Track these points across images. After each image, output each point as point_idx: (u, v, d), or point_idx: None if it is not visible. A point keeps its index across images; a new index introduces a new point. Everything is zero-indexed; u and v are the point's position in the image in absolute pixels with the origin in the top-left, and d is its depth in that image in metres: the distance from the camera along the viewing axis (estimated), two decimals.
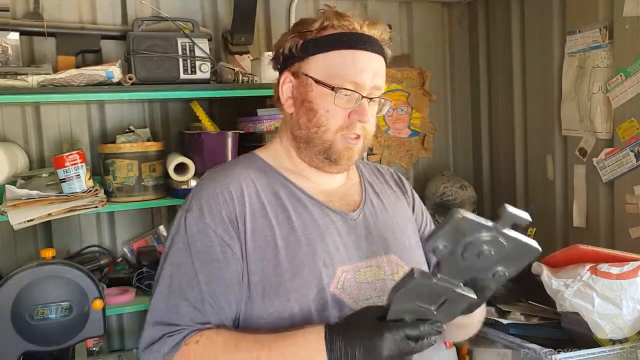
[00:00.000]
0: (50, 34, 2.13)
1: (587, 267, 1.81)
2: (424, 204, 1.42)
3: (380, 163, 2.77)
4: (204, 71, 2.12)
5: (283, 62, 1.19)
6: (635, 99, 2.06)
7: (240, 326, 1.08)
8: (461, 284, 0.93)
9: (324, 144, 1.14)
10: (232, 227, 1.08)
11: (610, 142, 2.18)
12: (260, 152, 1.24)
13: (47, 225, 2.25)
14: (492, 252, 0.88)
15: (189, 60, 2.10)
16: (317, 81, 1.12)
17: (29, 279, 1.71)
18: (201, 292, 1.05)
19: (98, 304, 1.77)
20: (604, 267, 1.79)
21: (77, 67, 2.04)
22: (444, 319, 0.97)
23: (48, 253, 1.81)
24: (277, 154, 1.22)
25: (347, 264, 1.12)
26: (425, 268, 1.23)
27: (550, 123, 2.45)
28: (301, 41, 1.14)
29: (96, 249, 2.33)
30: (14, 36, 1.99)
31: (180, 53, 2.09)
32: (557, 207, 2.45)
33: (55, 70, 2.03)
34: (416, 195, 1.38)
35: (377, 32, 1.16)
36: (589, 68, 2.24)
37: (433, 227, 1.36)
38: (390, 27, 2.60)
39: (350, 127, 1.13)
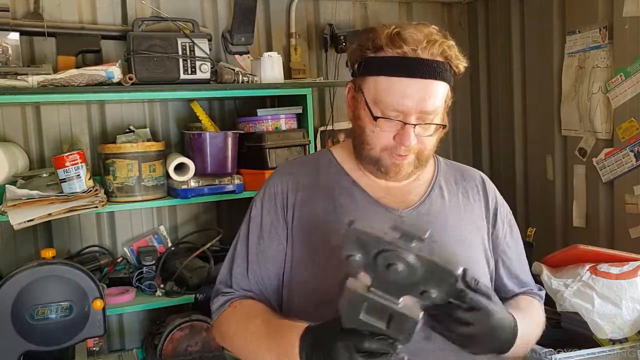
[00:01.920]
0: (50, 34, 2.13)
1: (587, 267, 1.81)
2: None
3: None
4: (204, 71, 2.12)
5: (352, 71, 1.25)
6: (635, 99, 2.06)
7: (284, 297, 1.23)
8: (399, 302, 0.91)
9: (372, 158, 1.20)
10: (281, 213, 1.23)
11: (610, 142, 2.18)
12: (334, 149, 1.34)
13: (47, 225, 2.25)
14: (403, 269, 0.87)
15: (189, 60, 2.10)
16: (367, 104, 1.17)
17: (29, 279, 1.71)
18: (248, 262, 1.24)
19: (98, 304, 1.77)
20: (603, 267, 1.79)
21: (77, 67, 2.04)
22: (402, 339, 0.92)
23: (48, 253, 1.81)
24: (348, 151, 1.29)
25: None
26: (484, 280, 1.22)
27: (550, 123, 2.45)
28: (360, 59, 1.19)
29: (96, 249, 2.33)
30: (14, 36, 2.00)
31: (180, 53, 2.09)
32: (557, 207, 2.45)
33: (55, 70, 2.03)
34: (501, 207, 1.35)
35: (436, 51, 1.14)
36: (588, 68, 2.24)
37: (512, 237, 1.34)
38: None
39: (395, 149, 1.16)
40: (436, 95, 1.14)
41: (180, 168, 2.16)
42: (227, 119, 2.48)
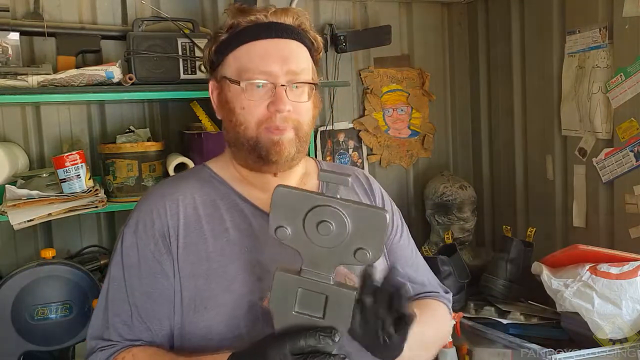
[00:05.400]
0: (50, 34, 2.13)
1: (587, 267, 1.81)
2: (425, 204, 1.37)
3: (380, 163, 2.77)
4: (204, 71, 2.12)
5: (210, 70, 1.18)
6: (635, 99, 2.06)
7: (175, 343, 1.06)
8: (332, 277, 0.87)
9: (249, 142, 1.08)
10: (163, 243, 1.06)
11: (610, 142, 2.18)
12: (211, 163, 1.20)
13: (47, 225, 2.24)
14: (333, 225, 0.85)
15: (189, 60, 2.10)
16: (230, 80, 1.09)
17: (29, 279, 1.71)
18: (130, 307, 1.05)
19: None
20: (603, 267, 1.79)
21: (77, 67, 2.04)
22: (340, 325, 0.87)
23: (48, 253, 1.81)
24: (225, 163, 1.18)
25: None
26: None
27: (550, 123, 2.45)
28: (215, 45, 1.12)
29: (96, 249, 2.33)
30: (14, 36, 1.99)
31: (180, 53, 2.09)
32: (557, 207, 2.45)
33: (55, 70, 2.03)
34: (387, 202, 1.27)
35: (289, 19, 1.10)
36: (588, 68, 2.24)
37: (405, 237, 1.26)
38: (387, 30, 2.56)
39: (271, 120, 1.06)
40: (300, 55, 1.09)
41: (180, 168, 2.16)
42: None
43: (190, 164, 2.14)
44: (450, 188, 2.65)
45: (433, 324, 1.17)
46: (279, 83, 1.06)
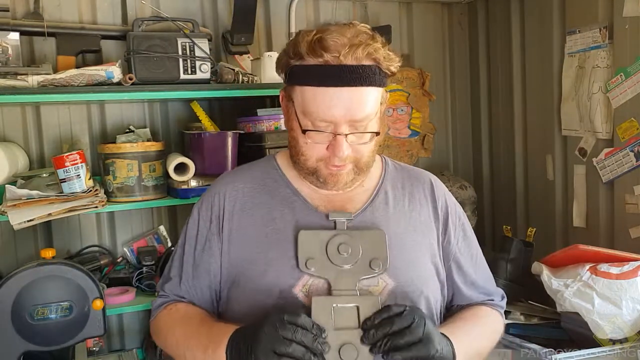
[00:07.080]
0: (50, 34, 2.13)
1: (587, 267, 1.81)
2: None
3: None
4: (204, 71, 2.12)
5: (281, 74, 1.21)
6: (635, 99, 2.06)
7: (221, 307, 1.22)
8: (357, 290, 1.05)
9: (309, 169, 1.16)
10: (216, 224, 1.19)
11: (610, 142, 2.18)
12: (279, 156, 1.29)
13: (47, 225, 2.25)
14: (350, 247, 1.08)
15: (189, 60, 2.10)
16: (296, 114, 1.13)
17: (29, 279, 1.71)
18: (182, 272, 1.23)
19: (98, 304, 1.77)
20: (603, 267, 1.79)
21: (77, 67, 2.04)
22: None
23: (48, 253, 1.81)
24: (289, 160, 1.25)
25: None
26: (429, 287, 1.20)
27: (550, 123, 2.45)
28: (285, 68, 1.15)
29: (96, 249, 2.33)
30: (14, 36, 1.99)
31: (180, 53, 2.09)
32: (557, 207, 2.45)
33: (55, 70, 2.03)
34: (452, 211, 1.29)
35: (360, 55, 1.06)
36: (589, 68, 2.24)
37: (468, 239, 1.32)
38: (387, 30, 2.56)
39: (329, 159, 1.12)
40: (366, 102, 1.09)
41: (180, 168, 2.16)
42: (227, 119, 2.47)
43: (191, 164, 2.14)
44: (451, 188, 2.65)
45: (486, 335, 1.26)
46: (341, 132, 1.09)
